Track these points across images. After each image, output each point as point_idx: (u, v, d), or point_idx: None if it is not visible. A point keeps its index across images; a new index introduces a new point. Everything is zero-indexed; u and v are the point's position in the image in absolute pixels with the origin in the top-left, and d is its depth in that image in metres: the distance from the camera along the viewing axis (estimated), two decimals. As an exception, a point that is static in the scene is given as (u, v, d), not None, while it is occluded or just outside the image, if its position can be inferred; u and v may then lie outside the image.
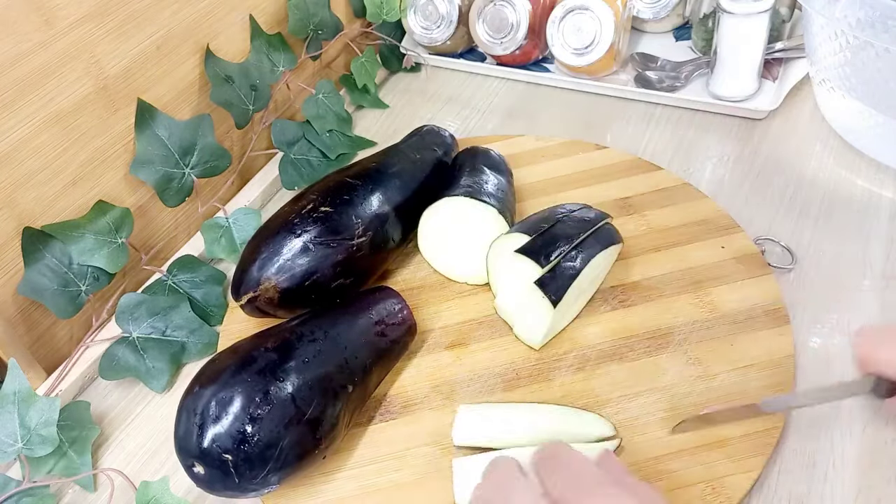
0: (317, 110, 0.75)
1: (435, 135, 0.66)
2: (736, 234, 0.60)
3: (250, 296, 0.53)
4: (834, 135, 0.72)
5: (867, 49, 0.62)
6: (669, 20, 0.84)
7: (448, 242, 0.59)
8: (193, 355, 0.59)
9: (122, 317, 0.57)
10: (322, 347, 0.48)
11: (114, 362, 0.56)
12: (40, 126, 0.54)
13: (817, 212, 0.64)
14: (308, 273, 0.52)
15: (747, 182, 0.68)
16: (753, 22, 0.69)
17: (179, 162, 0.63)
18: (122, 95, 0.60)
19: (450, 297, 0.59)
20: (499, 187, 0.60)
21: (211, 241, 0.64)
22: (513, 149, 0.71)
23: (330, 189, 0.56)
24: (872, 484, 0.47)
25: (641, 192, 0.65)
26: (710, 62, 0.74)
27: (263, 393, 0.44)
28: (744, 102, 0.74)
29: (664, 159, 0.71)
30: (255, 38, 0.71)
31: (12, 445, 0.49)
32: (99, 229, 0.58)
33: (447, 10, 0.82)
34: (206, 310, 0.61)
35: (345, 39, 0.81)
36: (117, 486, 0.51)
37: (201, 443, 0.42)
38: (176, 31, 0.63)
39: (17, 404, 0.50)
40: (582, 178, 0.67)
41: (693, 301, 0.56)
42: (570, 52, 0.77)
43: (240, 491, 0.44)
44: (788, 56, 0.77)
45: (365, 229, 0.55)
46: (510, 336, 0.56)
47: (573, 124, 0.77)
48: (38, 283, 0.55)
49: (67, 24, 0.54)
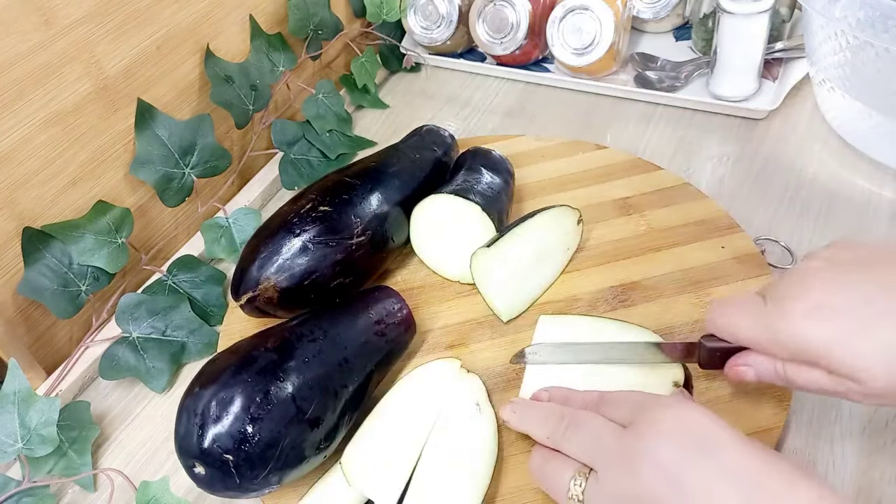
0: (317, 110, 0.75)
1: (435, 135, 0.66)
2: (736, 234, 0.60)
3: (250, 295, 0.53)
4: (834, 135, 0.72)
5: (867, 49, 0.62)
6: (669, 20, 0.84)
7: (436, 240, 0.59)
8: (193, 355, 0.59)
9: (122, 317, 0.57)
10: (322, 347, 0.48)
11: (114, 362, 0.56)
12: (40, 126, 0.54)
13: (817, 212, 0.64)
14: (307, 273, 0.52)
15: (747, 182, 0.68)
16: (753, 22, 0.69)
17: (179, 162, 0.63)
18: (122, 95, 0.60)
19: (450, 297, 0.59)
20: (491, 186, 0.60)
21: (211, 241, 0.64)
22: (512, 149, 0.71)
23: (329, 188, 0.56)
24: (872, 484, 0.47)
25: (641, 192, 0.65)
26: (710, 62, 0.74)
27: (264, 393, 0.44)
28: (744, 102, 0.74)
29: (664, 159, 0.71)
30: (255, 38, 0.71)
31: (12, 445, 0.49)
32: (99, 229, 0.58)
33: (447, 10, 0.82)
34: (206, 310, 0.61)
35: (345, 39, 0.81)
36: (117, 487, 0.51)
37: (202, 443, 0.42)
38: (176, 31, 0.63)
39: (17, 404, 0.50)
40: (582, 178, 0.67)
41: (693, 301, 0.56)
42: (570, 52, 0.77)
43: (240, 491, 0.44)
44: (788, 56, 0.77)
45: (364, 229, 0.55)
46: (510, 336, 0.56)
47: (573, 124, 0.77)
48: (38, 283, 0.55)
49: (67, 23, 0.54)
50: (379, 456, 0.47)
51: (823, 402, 0.51)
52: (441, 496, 0.45)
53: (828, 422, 0.50)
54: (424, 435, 0.47)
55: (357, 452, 0.47)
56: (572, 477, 0.40)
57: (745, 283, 0.57)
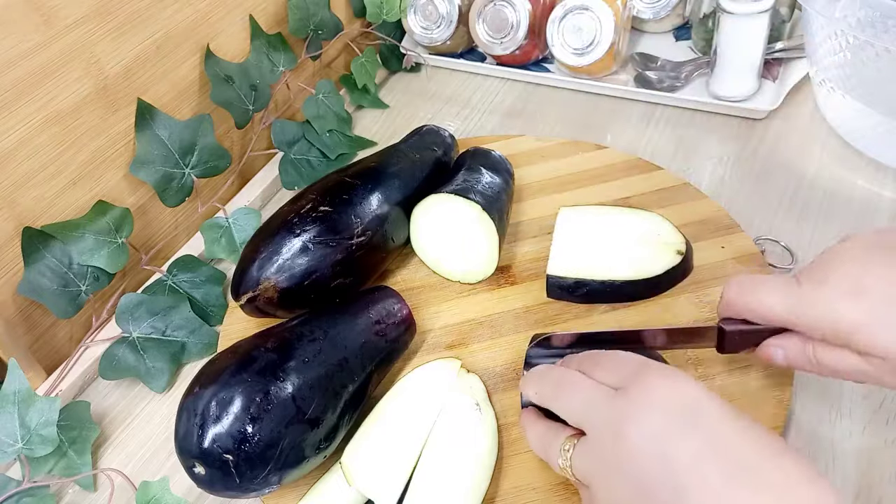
0: (317, 110, 0.75)
1: (434, 135, 0.66)
2: (736, 234, 0.60)
3: (250, 295, 0.53)
4: (834, 135, 0.72)
5: (867, 49, 0.62)
6: (669, 20, 0.84)
7: (436, 240, 0.59)
8: (193, 355, 0.59)
9: (122, 317, 0.57)
10: (322, 347, 0.48)
11: (114, 362, 0.56)
12: (40, 126, 0.54)
13: (817, 212, 0.64)
14: (307, 273, 0.52)
15: (747, 182, 0.68)
16: (753, 22, 0.69)
17: (179, 162, 0.63)
18: (122, 95, 0.60)
19: (450, 297, 0.59)
20: (491, 186, 0.59)
21: (211, 242, 0.64)
22: (512, 149, 0.71)
23: (329, 188, 0.56)
24: (872, 484, 0.47)
25: (641, 192, 0.65)
26: (710, 62, 0.74)
27: (264, 393, 0.44)
28: (744, 102, 0.74)
29: (664, 159, 0.71)
30: (255, 38, 0.71)
31: (12, 445, 0.49)
32: (99, 229, 0.58)
33: (447, 11, 0.82)
34: (205, 310, 0.61)
35: (345, 39, 0.81)
36: (117, 487, 0.51)
37: (202, 443, 0.42)
38: (176, 31, 0.63)
39: (17, 404, 0.50)
40: (581, 178, 0.67)
41: (693, 301, 0.56)
42: (569, 52, 0.77)
43: (240, 491, 0.44)
44: (788, 56, 0.77)
45: (364, 229, 0.55)
46: (510, 336, 0.56)
47: (573, 124, 0.77)
48: (37, 283, 0.55)
49: (67, 24, 0.54)
50: (379, 456, 0.47)
51: (823, 403, 0.51)
52: (441, 496, 0.45)
53: (828, 421, 0.50)
54: (424, 434, 0.48)
55: (357, 452, 0.47)
56: (563, 443, 0.40)
57: (745, 283, 0.57)
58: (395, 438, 0.47)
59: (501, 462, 0.48)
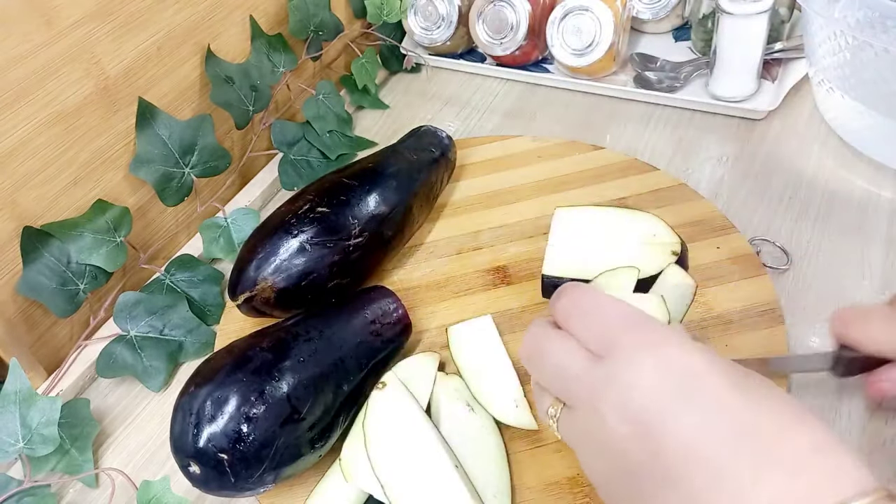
0: (317, 111, 0.75)
1: (432, 135, 0.66)
2: (731, 234, 0.60)
3: (247, 296, 0.53)
4: (833, 135, 0.72)
5: (866, 49, 0.62)
6: (669, 20, 0.84)
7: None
8: (190, 354, 0.59)
9: (120, 315, 0.57)
10: (317, 347, 0.48)
11: (111, 360, 0.57)
12: (41, 126, 0.55)
13: (816, 212, 0.64)
14: (304, 273, 0.53)
15: (746, 182, 0.68)
16: (753, 22, 0.69)
17: (179, 161, 0.63)
18: (122, 96, 0.60)
19: (446, 297, 0.59)
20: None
21: (209, 241, 0.64)
22: (510, 149, 0.71)
23: (326, 189, 0.57)
24: (867, 485, 0.47)
25: (638, 193, 0.65)
26: (710, 62, 0.74)
27: (259, 392, 0.44)
28: (743, 103, 0.74)
29: (663, 159, 0.71)
30: (255, 38, 0.71)
31: (13, 445, 0.49)
32: (98, 228, 0.58)
33: (447, 11, 0.83)
34: (203, 309, 0.62)
35: (345, 40, 0.82)
36: (118, 486, 0.51)
37: (197, 442, 0.43)
38: (177, 32, 0.64)
39: (18, 404, 0.50)
40: (578, 179, 0.68)
41: (689, 301, 0.56)
42: (569, 52, 0.77)
43: (236, 490, 0.44)
44: (788, 56, 0.77)
45: (361, 230, 0.55)
46: (505, 336, 0.56)
47: (573, 125, 0.77)
48: (36, 281, 0.55)
49: (68, 24, 0.55)
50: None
51: (823, 403, 0.51)
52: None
53: (828, 422, 0.50)
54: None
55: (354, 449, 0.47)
56: (549, 407, 0.38)
57: (740, 283, 0.57)
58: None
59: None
